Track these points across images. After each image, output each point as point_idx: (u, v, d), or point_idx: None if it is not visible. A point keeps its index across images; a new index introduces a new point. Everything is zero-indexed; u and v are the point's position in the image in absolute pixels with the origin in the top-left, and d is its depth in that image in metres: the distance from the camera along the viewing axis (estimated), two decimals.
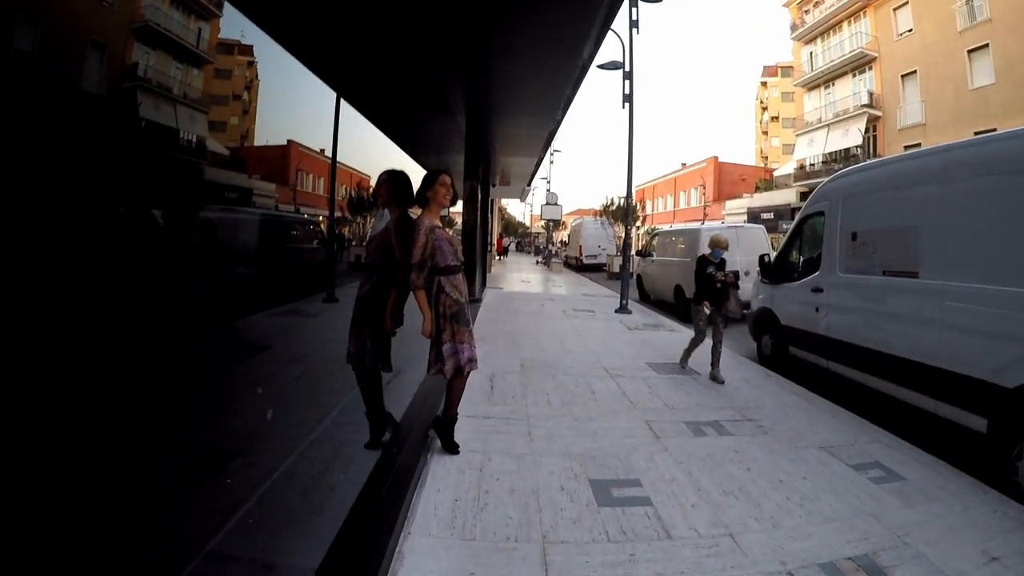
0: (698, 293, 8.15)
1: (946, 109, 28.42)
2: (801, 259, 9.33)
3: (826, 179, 8.72)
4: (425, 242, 4.32)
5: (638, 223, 41.77)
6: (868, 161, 8.05)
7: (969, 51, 27.43)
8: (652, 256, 18.00)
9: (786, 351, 9.08)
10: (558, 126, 13.02)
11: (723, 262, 8.11)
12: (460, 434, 4.87)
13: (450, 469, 4.44)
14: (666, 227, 32.14)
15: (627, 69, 14.57)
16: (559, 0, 6.48)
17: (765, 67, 69.18)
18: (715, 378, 7.72)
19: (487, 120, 11.98)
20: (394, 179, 4.72)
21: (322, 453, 4.66)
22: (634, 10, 14.37)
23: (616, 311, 14.27)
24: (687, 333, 11.61)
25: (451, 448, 4.75)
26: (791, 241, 9.45)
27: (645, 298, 18.36)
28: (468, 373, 4.55)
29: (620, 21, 22.07)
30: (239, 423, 5.40)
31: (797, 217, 9.35)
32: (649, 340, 10.65)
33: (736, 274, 8.09)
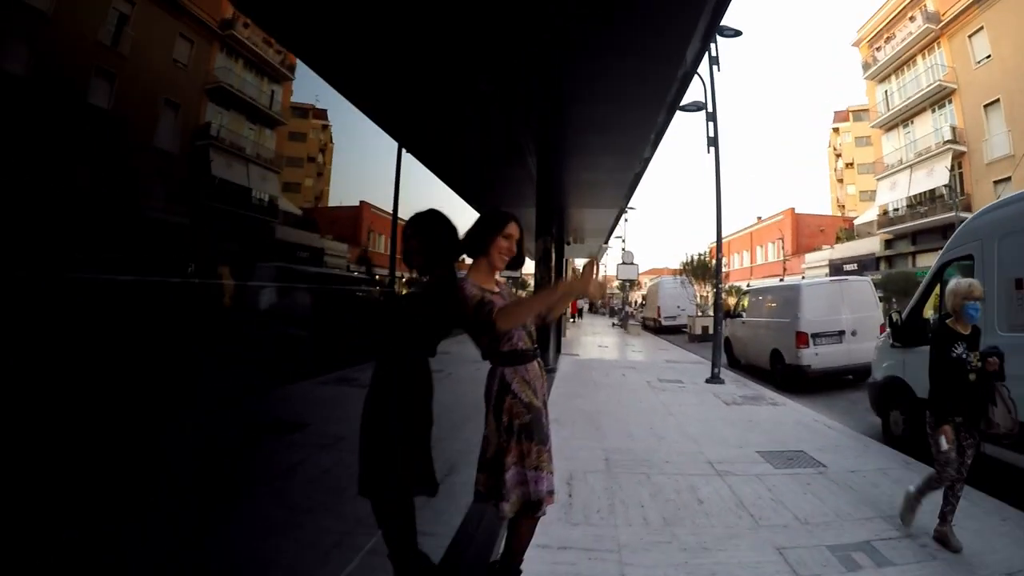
0: (938, 397, 4.62)
1: None
2: (941, 315, 7.76)
3: (973, 215, 7.19)
4: (478, 305, 2.99)
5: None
6: None
7: None
8: (742, 317, 16.32)
9: (924, 430, 7.39)
10: (645, 167, 11.64)
11: (976, 333, 4.74)
12: None
13: None
14: (759, 284, 30.56)
15: (710, 110, 13.51)
16: None
17: (836, 112, 67.19)
18: (944, 540, 4.44)
19: (562, 160, 10.57)
20: (425, 225, 3.21)
21: None
22: (713, 46, 13.30)
23: (707, 381, 12.68)
24: (792, 406, 10.08)
25: None
26: (926, 293, 7.87)
27: (735, 363, 16.61)
28: (544, 512, 3.13)
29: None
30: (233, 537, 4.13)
31: (935, 264, 7.76)
32: (752, 418, 9.08)
33: (1001, 355, 4.62)
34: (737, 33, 13.39)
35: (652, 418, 8.94)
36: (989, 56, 29.60)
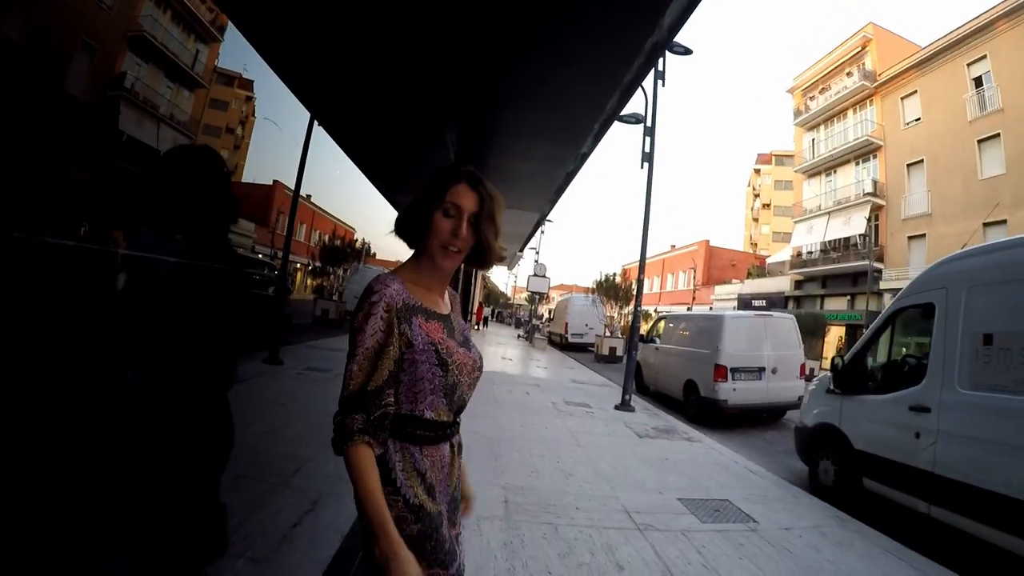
0: None
1: (954, 199, 28.01)
2: (885, 364, 7.12)
3: (938, 261, 6.53)
4: (380, 343, 1.68)
5: (626, 304, 39.79)
6: (1010, 237, 5.90)
7: (979, 141, 27.20)
8: (656, 343, 15.59)
9: (858, 483, 6.79)
10: (579, 167, 10.56)
11: None
12: None
13: None
14: (667, 310, 30.52)
15: (649, 124, 12.83)
16: None
17: (759, 154, 70.11)
18: None
19: (489, 141, 9.27)
20: (175, 164, 2.11)
21: None
22: (660, 60, 12.67)
23: (617, 407, 11.76)
24: (709, 443, 9.29)
25: None
26: (873, 339, 7.22)
27: (643, 389, 15.78)
28: None
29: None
30: None
31: (888, 308, 7.13)
32: (668, 455, 8.17)
33: None
34: (687, 51, 12.82)
35: (559, 449, 7.84)
36: (919, 119, 31.01)
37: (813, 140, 40.21)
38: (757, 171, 69.39)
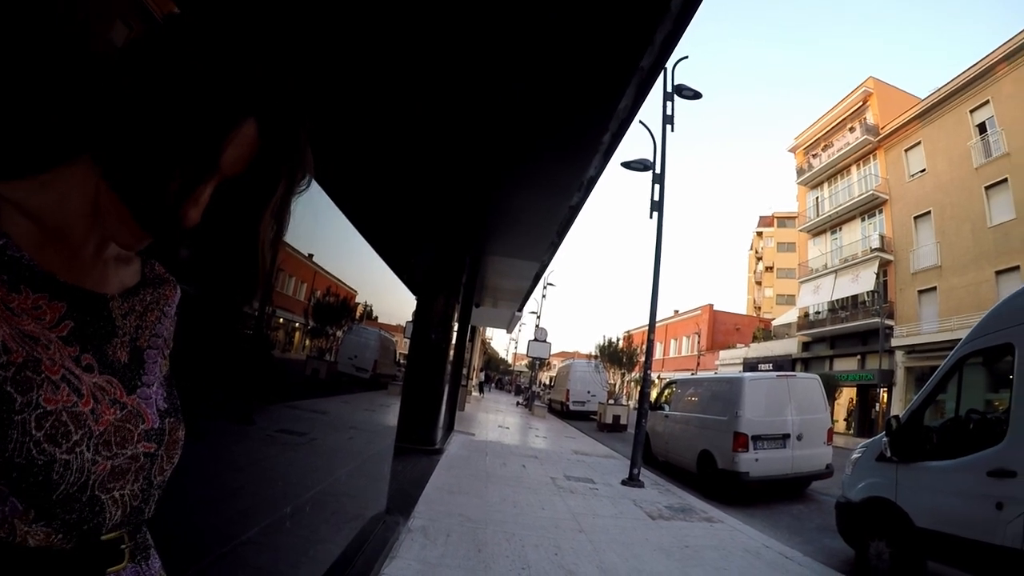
0: None
1: (964, 249, 27.48)
2: (952, 422, 5.92)
3: (1012, 294, 5.50)
4: None
5: (630, 370, 38.44)
6: None
7: (987, 187, 26.83)
8: (665, 410, 14.34)
9: (921, 567, 5.66)
10: (582, 201, 9.26)
11: None
12: None
13: None
14: (670, 376, 29.28)
15: (658, 171, 12.09)
16: None
17: (761, 217, 70.39)
18: None
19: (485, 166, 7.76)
20: None
21: None
22: (669, 104, 12.18)
23: (624, 482, 10.43)
24: (731, 523, 7.99)
25: None
26: (934, 394, 6.11)
27: (650, 460, 14.35)
28: None
29: (651, 114, 19.46)
30: None
31: (952, 355, 5.94)
32: (688, 541, 6.86)
33: None
34: (697, 95, 12.25)
35: (558, 536, 6.46)
36: (923, 170, 30.76)
37: (817, 198, 39.94)
38: (759, 234, 69.50)
